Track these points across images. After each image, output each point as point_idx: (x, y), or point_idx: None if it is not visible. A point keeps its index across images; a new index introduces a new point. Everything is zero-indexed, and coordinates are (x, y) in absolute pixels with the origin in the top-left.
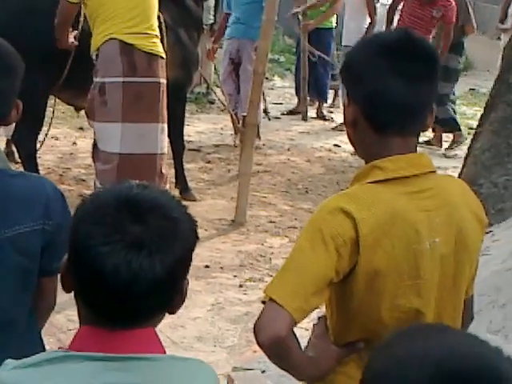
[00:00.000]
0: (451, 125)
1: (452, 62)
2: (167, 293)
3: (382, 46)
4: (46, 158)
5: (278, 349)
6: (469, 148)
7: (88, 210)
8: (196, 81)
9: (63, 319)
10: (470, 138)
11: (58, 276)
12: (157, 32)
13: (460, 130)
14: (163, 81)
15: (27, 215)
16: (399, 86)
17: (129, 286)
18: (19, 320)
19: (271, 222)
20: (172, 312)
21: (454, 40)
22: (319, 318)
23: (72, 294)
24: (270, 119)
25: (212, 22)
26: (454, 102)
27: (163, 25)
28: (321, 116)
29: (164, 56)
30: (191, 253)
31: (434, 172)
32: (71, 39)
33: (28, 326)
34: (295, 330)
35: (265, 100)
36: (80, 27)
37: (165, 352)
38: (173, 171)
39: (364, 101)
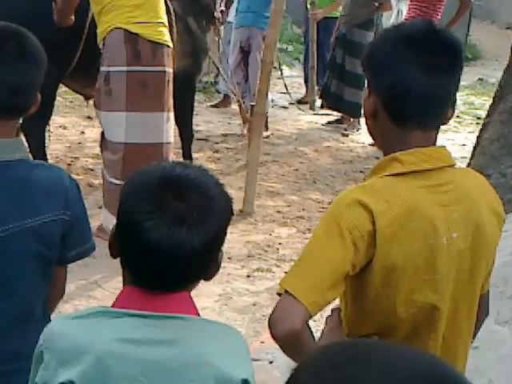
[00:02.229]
0: (355, 110)
1: (363, 38)
2: (204, 263)
3: (406, 36)
4: (54, 147)
5: (293, 342)
6: (477, 138)
7: (134, 187)
8: (205, 69)
9: (71, 309)
10: (478, 128)
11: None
12: (163, 20)
13: (360, 116)
14: (169, 70)
15: (48, 205)
16: (421, 77)
17: (170, 257)
18: (38, 308)
19: (279, 212)
20: (207, 279)
21: (368, 17)
22: (333, 310)
23: (79, 283)
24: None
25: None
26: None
27: (172, 14)
28: (322, 104)
29: (170, 45)
30: (226, 227)
31: (454, 166)
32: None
33: (43, 315)
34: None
35: (285, 84)
36: (90, 15)
37: (198, 314)
38: (181, 160)
39: (385, 92)
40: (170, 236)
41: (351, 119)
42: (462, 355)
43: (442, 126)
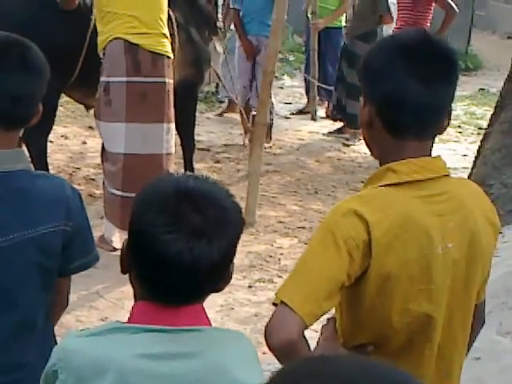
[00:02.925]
0: (355, 121)
1: (364, 50)
2: (220, 275)
3: (401, 46)
4: (55, 157)
5: (289, 352)
6: (479, 148)
7: (149, 200)
8: (206, 79)
9: (72, 320)
10: (479, 138)
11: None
12: (164, 31)
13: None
14: (169, 80)
15: (50, 216)
16: (417, 87)
17: (189, 270)
18: (39, 319)
19: (280, 222)
20: (218, 290)
21: (368, 28)
22: (328, 319)
23: (80, 294)
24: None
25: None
26: None
27: (174, 23)
28: (330, 116)
29: (171, 55)
30: (239, 238)
31: (448, 175)
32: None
33: (45, 326)
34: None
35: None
36: (92, 25)
37: (210, 324)
38: (182, 170)
39: (380, 102)
40: (190, 249)
41: (352, 130)
42: (458, 364)
43: (443, 136)
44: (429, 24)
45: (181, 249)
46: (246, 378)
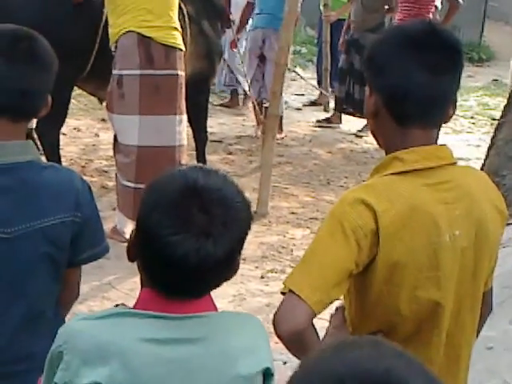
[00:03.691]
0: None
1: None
2: (226, 270)
3: (406, 36)
4: (68, 149)
5: (297, 341)
6: (492, 139)
7: (156, 198)
8: (219, 72)
9: (85, 310)
10: (492, 128)
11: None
12: (176, 25)
13: None
14: (181, 73)
15: (58, 207)
16: (422, 77)
17: (195, 269)
18: (49, 309)
19: (293, 213)
20: (226, 280)
21: (377, 21)
22: (337, 308)
23: (93, 285)
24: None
25: None
26: None
27: (186, 17)
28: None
29: (183, 48)
30: (247, 234)
31: (455, 164)
32: None
33: (55, 316)
34: (315, 321)
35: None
36: (103, 18)
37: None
38: (195, 162)
39: (386, 91)
40: (197, 250)
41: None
42: (466, 352)
43: (456, 127)
44: (431, 16)
45: (187, 250)
46: (254, 361)
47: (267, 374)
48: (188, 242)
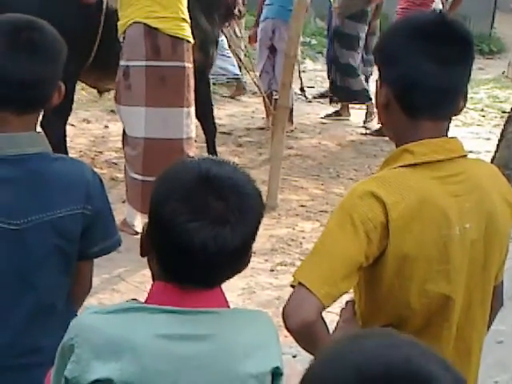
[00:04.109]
0: (363, 96)
1: (353, 29)
2: (242, 259)
3: (417, 28)
4: (78, 141)
5: (307, 334)
6: (502, 131)
7: (171, 187)
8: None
9: (95, 303)
10: (503, 121)
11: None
12: (185, 16)
13: (371, 99)
14: (189, 65)
15: (68, 199)
16: (432, 69)
17: (213, 257)
18: (59, 302)
19: (302, 206)
20: (239, 271)
21: (358, 8)
22: (347, 302)
23: (103, 277)
24: (306, 98)
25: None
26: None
27: None
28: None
29: (191, 40)
30: (260, 223)
31: (465, 156)
32: None
33: (66, 309)
34: (325, 314)
35: (301, 79)
36: (104, 7)
37: (229, 307)
38: (205, 154)
39: (396, 83)
40: (214, 237)
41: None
42: (477, 345)
43: (466, 120)
44: (433, 4)
45: (205, 238)
46: (264, 360)
47: (276, 374)
48: (205, 229)
